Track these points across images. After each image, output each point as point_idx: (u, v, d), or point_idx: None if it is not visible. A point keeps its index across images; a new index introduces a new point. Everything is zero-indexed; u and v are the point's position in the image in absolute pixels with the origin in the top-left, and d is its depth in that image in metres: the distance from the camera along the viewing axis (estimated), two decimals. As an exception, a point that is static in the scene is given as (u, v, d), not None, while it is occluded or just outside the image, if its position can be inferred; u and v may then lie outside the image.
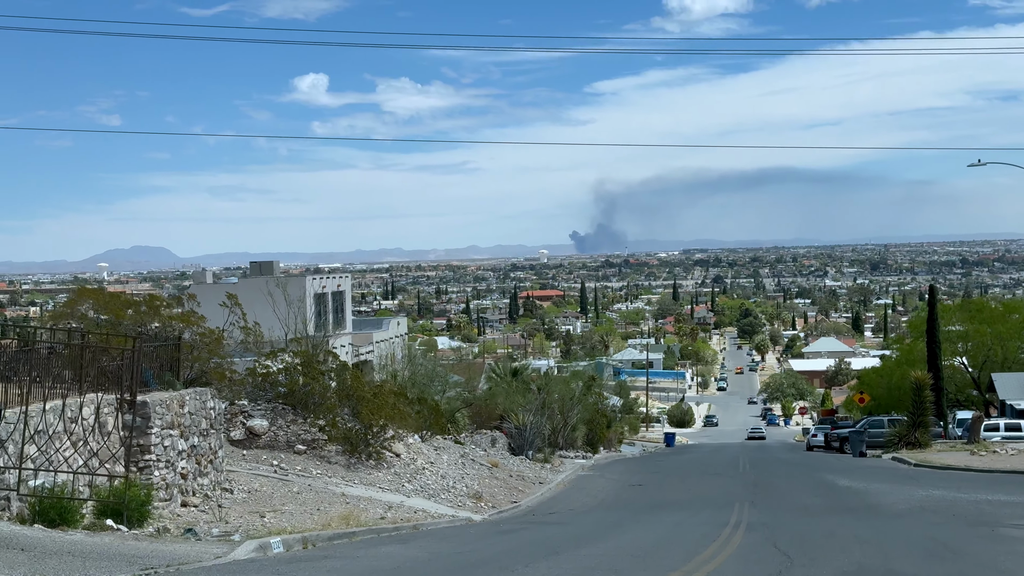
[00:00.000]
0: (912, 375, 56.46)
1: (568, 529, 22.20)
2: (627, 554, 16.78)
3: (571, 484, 38.33)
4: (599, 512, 28.19)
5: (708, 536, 19.27)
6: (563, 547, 17.88)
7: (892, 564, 15.69)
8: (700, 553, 16.58)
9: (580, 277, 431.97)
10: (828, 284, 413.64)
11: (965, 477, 38.09)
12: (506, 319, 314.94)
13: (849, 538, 19.13)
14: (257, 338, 28.93)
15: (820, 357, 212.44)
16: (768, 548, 17.43)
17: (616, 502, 31.42)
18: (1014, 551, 17.88)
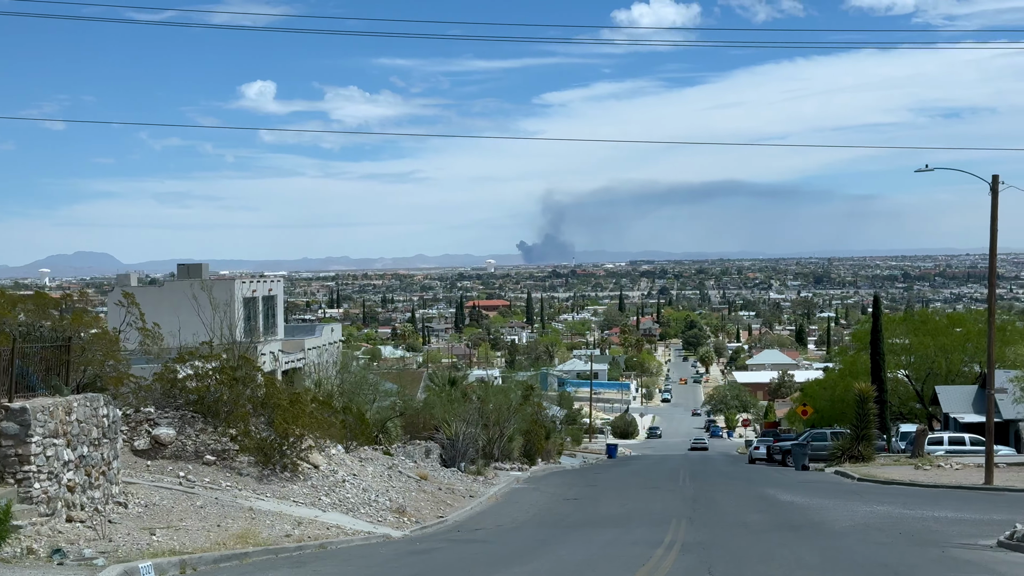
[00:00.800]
0: (856, 387, 55.41)
1: (490, 548, 20.59)
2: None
3: (504, 498, 36.71)
4: (528, 529, 26.59)
5: (639, 558, 17.75)
6: (478, 570, 16.27)
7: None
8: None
9: (527, 287, 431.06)
10: (772, 297, 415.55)
11: (910, 492, 36.91)
12: (452, 328, 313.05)
13: (790, 561, 17.69)
14: (157, 340, 27.04)
15: (764, 369, 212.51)
16: (701, 574, 15.92)
17: (547, 517, 29.84)
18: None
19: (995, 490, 37.15)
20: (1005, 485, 37.94)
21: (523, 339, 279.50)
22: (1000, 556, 20.23)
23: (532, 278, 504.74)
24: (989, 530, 26.25)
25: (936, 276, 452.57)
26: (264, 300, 58.28)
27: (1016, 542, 22.33)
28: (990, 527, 26.89)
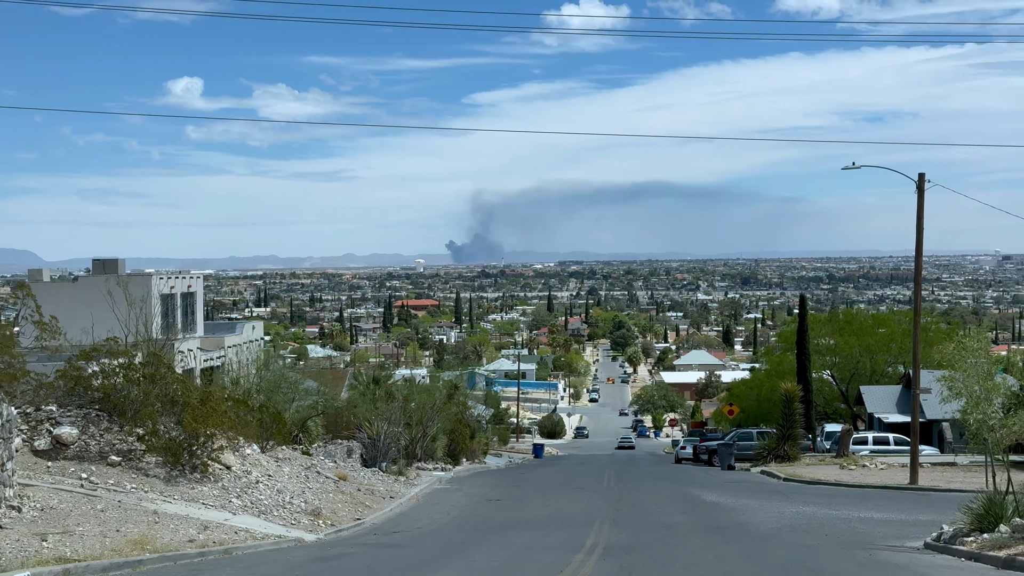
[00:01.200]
0: (782, 387, 55.28)
1: (404, 553, 19.74)
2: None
3: (425, 499, 35.84)
4: (447, 531, 25.76)
5: (557, 563, 17.00)
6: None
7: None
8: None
9: (456, 287, 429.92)
10: (700, 298, 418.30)
11: (836, 492, 36.63)
12: (380, 328, 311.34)
13: (714, 566, 17.05)
14: (54, 334, 25.79)
15: (691, 370, 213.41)
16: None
17: (468, 519, 29.03)
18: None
19: (920, 490, 36.98)
20: (930, 485, 37.80)
21: (451, 339, 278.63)
22: (927, 559, 19.78)
23: (461, 278, 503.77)
24: (916, 531, 25.90)
25: (860, 278, 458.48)
26: (183, 297, 56.87)
27: (943, 544, 21.92)
28: (916, 528, 26.56)
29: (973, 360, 22.01)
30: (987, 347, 22.77)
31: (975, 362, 21.95)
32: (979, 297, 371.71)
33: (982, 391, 21.31)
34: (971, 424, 21.57)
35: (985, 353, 22.48)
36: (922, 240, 38.52)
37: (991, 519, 21.27)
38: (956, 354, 22.18)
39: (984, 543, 20.15)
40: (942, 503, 32.82)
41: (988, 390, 21.28)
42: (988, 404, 21.30)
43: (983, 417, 21.22)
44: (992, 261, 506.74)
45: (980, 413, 21.26)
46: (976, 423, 21.43)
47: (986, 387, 21.31)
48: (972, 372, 21.71)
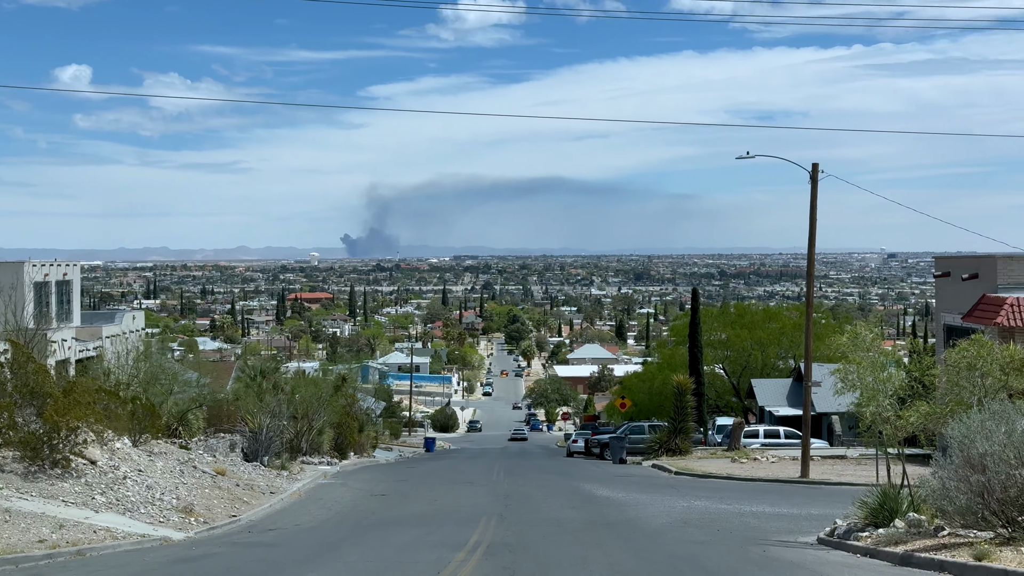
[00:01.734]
0: (674, 380, 54.90)
1: (273, 552, 18.51)
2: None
3: (308, 494, 34.51)
4: (326, 529, 24.53)
5: (435, 564, 15.94)
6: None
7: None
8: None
9: (351, 281, 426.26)
10: (594, 293, 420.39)
11: (727, 486, 36.13)
12: (274, 321, 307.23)
13: (603, 566, 16.14)
14: None
15: (584, 363, 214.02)
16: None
17: (350, 515, 27.83)
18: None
19: (811, 483, 36.67)
20: (821, 479, 37.51)
21: (345, 332, 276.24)
22: (822, 555, 19.13)
23: (356, 271, 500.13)
24: (808, 525, 25.36)
25: (751, 274, 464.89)
26: (58, 285, 54.59)
27: (837, 539, 21.33)
28: (809, 522, 26.04)
29: (867, 352, 21.42)
30: (880, 339, 22.23)
31: (869, 354, 21.37)
32: (865, 294, 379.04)
33: (876, 383, 20.72)
34: (866, 417, 20.98)
35: (879, 345, 21.93)
36: (815, 230, 38.21)
37: (886, 514, 20.72)
38: (850, 345, 21.58)
39: (879, 538, 19.56)
40: (833, 497, 32.47)
41: (882, 382, 20.70)
42: (883, 396, 20.72)
43: (878, 410, 20.63)
44: (878, 259, 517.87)
45: (875, 405, 20.67)
46: (871, 416, 20.84)
47: (880, 379, 20.73)
48: (866, 364, 21.12)
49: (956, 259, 47.02)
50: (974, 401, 19.32)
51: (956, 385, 19.45)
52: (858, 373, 20.90)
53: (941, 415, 19.25)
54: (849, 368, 21.24)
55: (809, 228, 38.29)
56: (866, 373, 20.84)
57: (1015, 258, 42.79)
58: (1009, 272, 42.37)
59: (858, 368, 21.00)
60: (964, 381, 19.12)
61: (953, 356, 19.72)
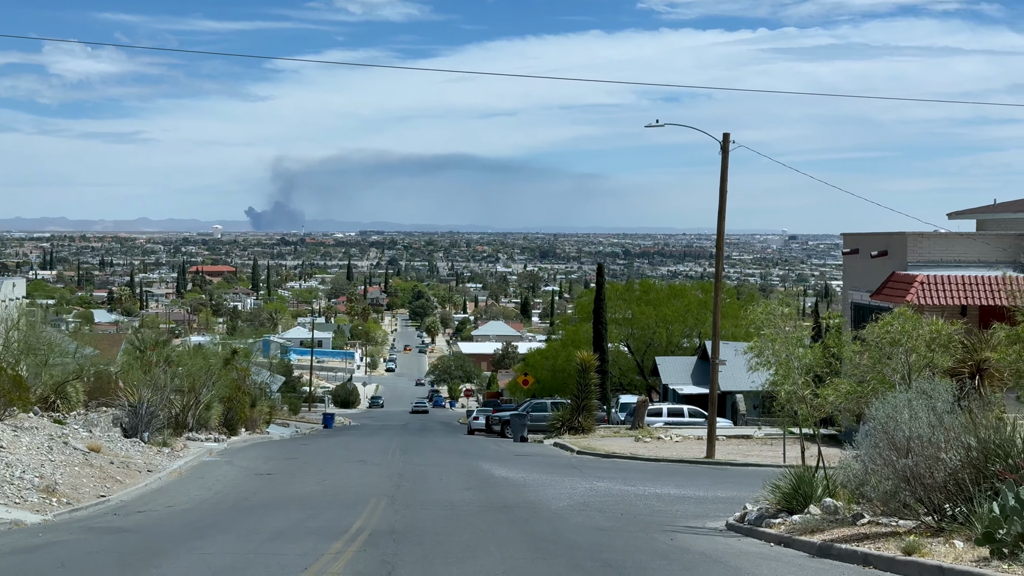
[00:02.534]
0: (577, 356, 53.63)
1: (129, 541, 16.60)
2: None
3: (189, 472, 32.46)
4: (199, 512, 22.65)
5: (306, 557, 14.19)
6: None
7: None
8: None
9: (254, 254, 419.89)
10: (500, 270, 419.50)
11: (631, 467, 34.86)
12: (174, 294, 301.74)
13: (495, 557, 14.53)
14: None
15: (489, 340, 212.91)
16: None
17: (229, 497, 25.93)
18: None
19: (717, 464, 35.56)
20: (727, 459, 36.43)
21: (247, 306, 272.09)
22: (734, 544, 17.78)
23: (260, 245, 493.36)
24: (715, 509, 24.10)
25: (655, 254, 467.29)
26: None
27: (748, 525, 20.00)
28: (716, 505, 24.78)
29: (782, 326, 20.09)
30: (795, 314, 20.91)
31: (785, 329, 20.03)
32: (766, 275, 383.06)
33: (792, 359, 19.38)
34: (781, 396, 19.64)
35: (795, 320, 20.62)
36: (725, 201, 37.02)
37: (800, 499, 19.43)
38: (764, 319, 20.22)
39: (794, 526, 18.26)
40: (740, 478, 31.35)
41: (799, 358, 19.37)
42: (799, 374, 19.40)
43: (793, 388, 19.31)
44: (779, 240, 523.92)
45: (791, 383, 19.34)
46: (787, 395, 19.50)
47: (797, 355, 19.40)
48: (781, 339, 19.78)
49: (865, 236, 46.24)
50: (897, 380, 18.10)
51: (879, 362, 18.18)
52: (773, 349, 19.55)
53: (863, 394, 17.96)
54: (764, 344, 19.89)
55: (719, 199, 37.09)
56: (781, 349, 19.50)
57: (926, 235, 42.08)
58: (919, 249, 41.65)
59: (773, 344, 19.65)
60: (887, 358, 17.83)
61: (876, 331, 18.46)
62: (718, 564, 14.61)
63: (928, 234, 42.16)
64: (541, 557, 14.53)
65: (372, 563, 13.61)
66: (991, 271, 40.65)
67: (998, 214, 46.36)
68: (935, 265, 41.22)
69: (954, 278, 40.17)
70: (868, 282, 43.84)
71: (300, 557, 14.05)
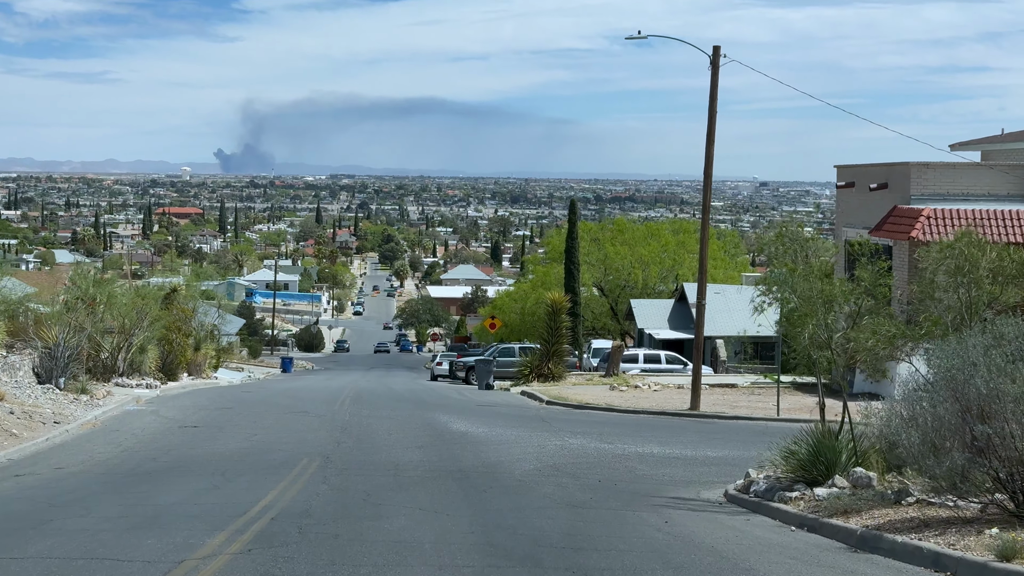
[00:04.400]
0: (548, 297, 49.75)
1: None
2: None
3: (105, 424, 28.42)
4: (86, 477, 18.70)
5: (154, 565, 10.24)
6: None
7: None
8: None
9: (223, 196, 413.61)
10: (470, 214, 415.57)
11: (607, 420, 31.04)
12: (140, 235, 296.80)
13: (432, 560, 10.68)
14: None
15: (458, 284, 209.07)
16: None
17: (134, 456, 21.94)
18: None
19: (702, 417, 31.79)
20: (712, 411, 32.66)
21: (214, 247, 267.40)
22: (744, 527, 14.00)
23: (230, 187, 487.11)
24: (708, 472, 20.42)
25: (626, 199, 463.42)
26: None
27: (755, 498, 16.23)
28: (707, 468, 21.09)
29: (802, 252, 16.19)
30: (817, 239, 17.07)
31: (808, 258, 16.12)
32: (737, 220, 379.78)
33: (819, 295, 15.47)
34: (803, 340, 15.73)
35: (817, 247, 16.73)
36: (715, 125, 33.03)
37: (822, 466, 15.67)
38: (778, 245, 16.29)
39: (819, 503, 14.49)
40: (730, 434, 27.65)
41: (825, 293, 15.46)
42: (823, 312, 15.52)
43: (818, 330, 15.45)
44: (750, 187, 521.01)
45: (814, 324, 15.47)
46: (809, 338, 15.62)
47: (823, 290, 15.49)
48: (803, 272, 15.84)
49: (862, 168, 42.36)
50: (948, 320, 14.29)
51: (930, 298, 14.32)
52: (791, 282, 15.63)
53: (914, 338, 14.11)
54: (778, 275, 15.97)
55: (708, 122, 33.10)
56: (801, 281, 15.61)
57: (931, 165, 38.21)
58: (924, 181, 37.81)
59: (791, 275, 15.73)
60: (942, 293, 13.96)
61: (931, 258, 14.59)
62: (724, 558, 10.82)
63: (934, 164, 38.33)
64: (493, 564, 10.61)
65: (254, 569, 9.71)
66: (1002, 205, 37.07)
67: (1007, 144, 42.54)
68: (940, 198, 37.48)
69: (964, 212, 36.45)
70: (865, 218, 40.07)
71: (144, 568, 10.11)
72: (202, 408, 33.12)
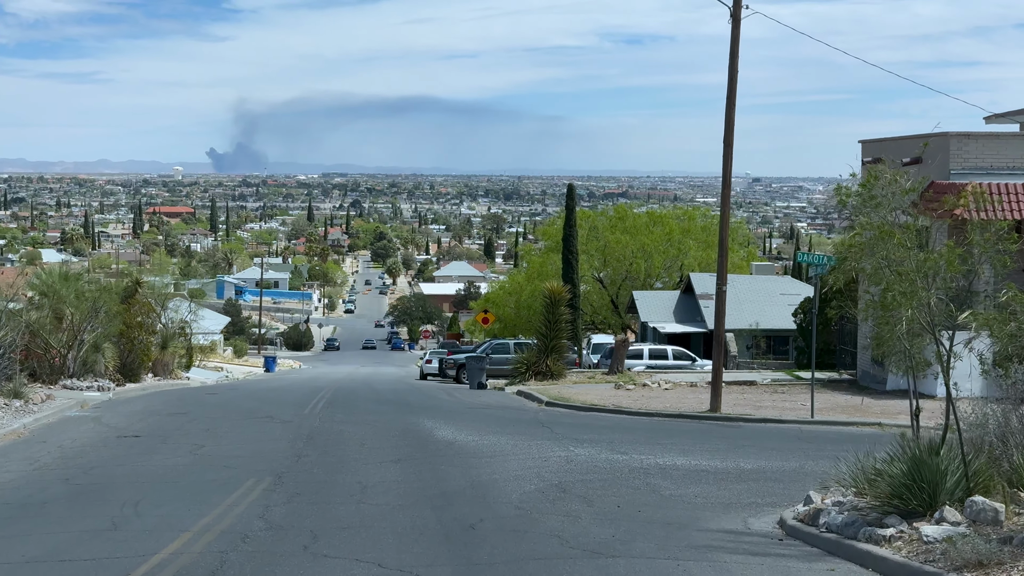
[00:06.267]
0: (546, 287, 45.57)
1: None
2: None
3: (33, 434, 24.37)
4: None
5: None
6: None
7: None
8: None
9: (215, 196, 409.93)
10: (464, 212, 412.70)
11: (617, 424, 26.98)
12: (130, 235, 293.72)
13: None
14: None
15: (451, 281, 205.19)
16: None
17: (46, 476, 17.88)
18: None
19: (725, 420, 27.74)
20: (736, 413, 28.61)
21: (205, 246, 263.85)
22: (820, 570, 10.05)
23: (222, 186, 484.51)
24: (747, 491, 16.46)
25: (619, 196, 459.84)
26: None
27: (830, 533, 12.25)
28: (746, 485, 17.10)
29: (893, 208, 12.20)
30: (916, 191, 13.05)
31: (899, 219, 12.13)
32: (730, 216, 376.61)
33: (917, 268, 11.46)
34: (901, 324, 11.71)
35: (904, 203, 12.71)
36: (735, 83, 29.04)
37: (922, 493, 11.73)
38: (866, 197, 12.25)
39: (929, 548, 10.50)
40: (760, 440, 23.62)
41: (933, 266, 11.45)
42: (928, 287, 11.53)
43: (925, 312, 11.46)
44: (743, 183, 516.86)
45: (917, 303, 11.47)
46: (910, 322, 11.59)
47: (925, 263, 11.48)
48: (895, 237, 11.83)
49: (892, 142, 38.30)
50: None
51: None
52: (886, 248, 11.60)
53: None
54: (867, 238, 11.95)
55: (728, 81, 29.09)
56: (899, 249, 11.61)
57: (973, 136, 34.30)
58: (964, 154, 33.89)
59: (888, 243, 11.66)
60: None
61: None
62: None
63: (976, 134, 34.46)
64: None
65: None
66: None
67: (1053, 114, 38.60)
68: (983, 173, 33.58)
69: (1013, 187, 32.59)
70: (896, 197, 36.06)
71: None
72: (154, 413, 29.06)
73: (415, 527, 12.79)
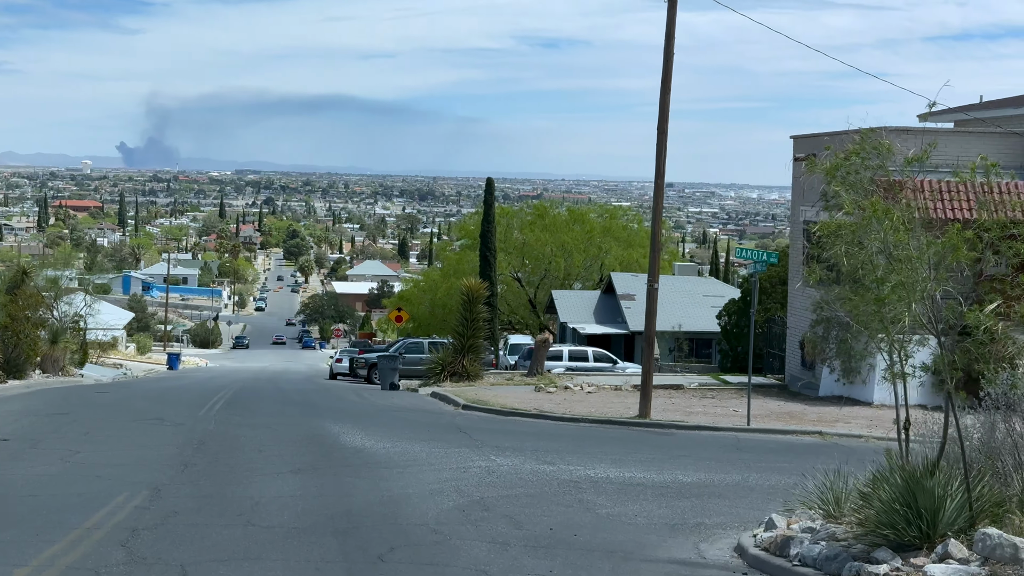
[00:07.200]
0: (463, 283, 43.49)
1: None
2: None
3: None
4: None
5: None
6: None
7: None
8: None
9: (125, 190, 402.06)
10: (378, 212, 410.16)
11: (541, 430, 24.93)
12: (35, 228, 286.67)
13: None
14: None
15: (364, 280, 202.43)
16: None
17: None
18: None
19: (656, 427, 25.84)
20: (666, 420, 26.72)
21: (112, 241, 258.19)
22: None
23: (132, 181, 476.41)
24: (691, 508, 14.61)
25: (534, 198, 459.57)
26: None
27: (806, 567, 10.35)
28: (689, 502, 15.21)
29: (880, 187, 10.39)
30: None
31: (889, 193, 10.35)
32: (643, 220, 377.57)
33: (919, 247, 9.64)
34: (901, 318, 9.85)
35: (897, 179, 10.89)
36: (671, 69, 27.20)
37: (919, 521, 9.84)
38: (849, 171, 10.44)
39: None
40: (696, 449, 21.73)
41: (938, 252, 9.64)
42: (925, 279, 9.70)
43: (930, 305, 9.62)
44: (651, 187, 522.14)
45: (920, 294, 9.61)
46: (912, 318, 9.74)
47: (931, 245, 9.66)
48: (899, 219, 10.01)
49: (824, 137, 36.78)
50: None
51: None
52: (884, 227, 9.76)
53: None
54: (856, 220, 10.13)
55: (664, 64, 27.23)
56: (891, 230, 9.77)
57: (912, 131, 32.84)
58: (904, 150, 32.47)
59: (874, 213, 9.85)
60: None
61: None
62: None
63: (914, 129, 32.99)
64: None
65: None
66: (992, 177, 31.77)
67: (990, 111, 37.38)
68: (922, 170, 32.04)
69: (953, 185, 31.16)
70: (830, 194, 34.52)
71: None
72: (31, 413, 26.43)
73: (312, 559, 10.63)
